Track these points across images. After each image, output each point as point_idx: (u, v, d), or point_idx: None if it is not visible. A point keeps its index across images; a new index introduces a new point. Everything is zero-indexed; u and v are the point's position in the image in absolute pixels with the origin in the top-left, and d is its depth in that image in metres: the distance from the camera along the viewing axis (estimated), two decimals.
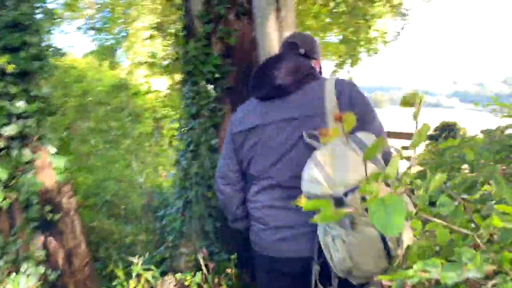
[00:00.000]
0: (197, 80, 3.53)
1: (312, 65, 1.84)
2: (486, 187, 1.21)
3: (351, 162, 1.32)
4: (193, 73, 3.56)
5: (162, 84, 10.12)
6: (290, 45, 1.91)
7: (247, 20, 3.68)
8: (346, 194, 1.26)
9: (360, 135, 1.44)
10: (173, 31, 6.12)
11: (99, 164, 5.94)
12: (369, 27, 7.85)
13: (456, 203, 1.05)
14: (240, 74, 3.67)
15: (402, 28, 9.20)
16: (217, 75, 3.55)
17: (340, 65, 8.39)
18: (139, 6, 9.17)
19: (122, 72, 7.37)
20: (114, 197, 5.18)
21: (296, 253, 1.62)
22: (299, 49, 1.87)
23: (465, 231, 0.94)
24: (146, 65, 7.09)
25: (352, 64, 8.40)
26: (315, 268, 1.51)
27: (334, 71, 8.71)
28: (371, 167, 1.29)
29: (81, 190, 4.96)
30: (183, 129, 3.62)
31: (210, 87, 3.55)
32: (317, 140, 1.49)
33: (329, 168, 1.32)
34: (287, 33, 3.52)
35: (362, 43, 7.71)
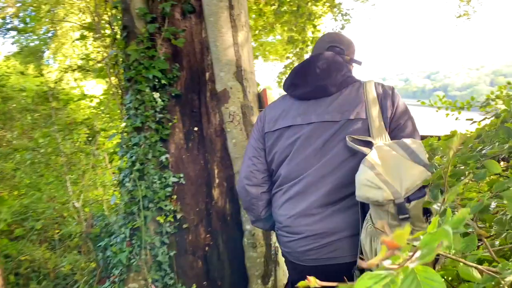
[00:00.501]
0: (141, 87, 3.07)
1: (350, 68, 1.83)
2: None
3: (403, 167, 1.33)
4: (136, 80, 3.10)
5: (95, 88, 9.35)
6: (331, 47, 1.84)
7: (195, 19, 3.28)
8: (408, 200, 1.27)
9: (406, 140, 1.43)
10: (108, 31, 5.54)
11: (28, 181, 5.22)
12: (314, 26, 7.72)
13: (470, 230, 0.98)
14: (190, 80, 3.26)
15: (342, 28, 9.21)
16: (163, 81, 3.12)
17: (289, 65, 8.19)
18: (67, 5, 8.39)
19: (50, 78, 6.63)
20: (46, 220, 4.54)
21: (335, 260, 1.58)
22: (341, 52, 1.81)
23: (480, 267, 0.83)
24: (78, 69, 6.42)
25: None
26: (357, 274, 1.47)
27: (283, 73, 8.50)
28: (419, 169, 1.32)
29: (5, 215, 4.27)
30: (126, 145, 3.14)
31: (156, 95, 3.11)
32: (360, 144, 1.49)
33: (384, 172, 1.31)
34: (241, 33, 3.17)
35: (309, 43, 7.55)
